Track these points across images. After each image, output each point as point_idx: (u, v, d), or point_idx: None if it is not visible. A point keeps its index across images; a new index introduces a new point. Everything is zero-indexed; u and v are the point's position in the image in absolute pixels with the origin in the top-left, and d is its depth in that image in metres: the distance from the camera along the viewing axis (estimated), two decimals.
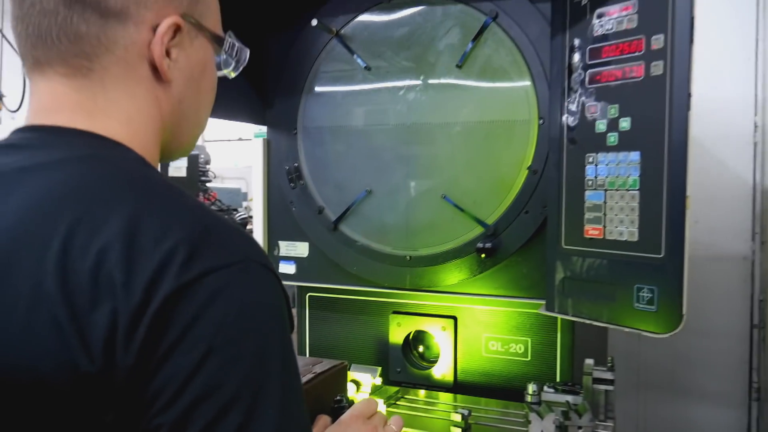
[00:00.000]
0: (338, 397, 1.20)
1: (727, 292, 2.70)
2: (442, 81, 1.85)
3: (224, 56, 0.97)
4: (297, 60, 2.04)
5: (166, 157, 0.93)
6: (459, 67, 1.82)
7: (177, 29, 0.82)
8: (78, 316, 0.63)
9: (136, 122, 0.83)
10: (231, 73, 1.01)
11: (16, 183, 0.73)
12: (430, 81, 1.86)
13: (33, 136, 0.79)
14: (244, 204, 6.43)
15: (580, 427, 1.49)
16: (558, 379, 1.84)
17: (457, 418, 1.56)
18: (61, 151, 0.76)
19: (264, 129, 2.15)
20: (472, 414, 1.62)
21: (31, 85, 0.83)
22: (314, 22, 1.88)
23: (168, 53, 0.82)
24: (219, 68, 0.98)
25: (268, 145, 2.14)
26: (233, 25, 0.97)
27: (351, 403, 1.14)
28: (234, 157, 9.00)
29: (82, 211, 0.68)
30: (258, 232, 2.24)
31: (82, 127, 0.79)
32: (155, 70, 0.83)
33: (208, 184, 4.91)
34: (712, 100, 2.61)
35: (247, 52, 1.00)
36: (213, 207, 4.78)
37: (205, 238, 0.68)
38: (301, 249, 2.10)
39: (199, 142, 6.26)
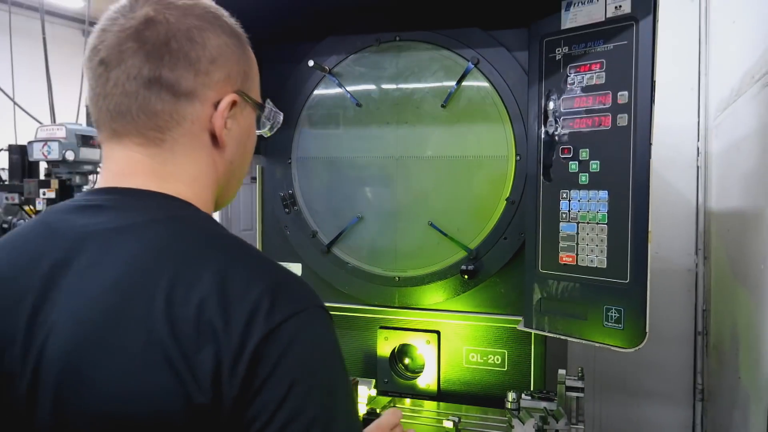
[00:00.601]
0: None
1: (673, 301, 2.96)
2: (428, 119, 2.04)
3: (263, 120, 1.13)
4: (291, 94, 2.19)
5: (215, 209, 1.09)
6: (443, 106, 2.01)
7: (233, 104, 0.99)
8: (187, 356, 0.78)
9: (198, 183, 0.99)
10: (267, 133, 1.18)
11: (111, 241, 0.87)
12: (417, 118, 2.05)
13: (115, 197, 0.93)
14: None
15: (557, 431, 1.70)
16: (532, 387, 2.05)
17: (449, 425, 1.75)
18: (145, 212, 0.91)
19: None
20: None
21: (107, 151, 0.97)
22: (311, 63, 2.04)
23: (225, 124, 0.98)
24: (257, 127, 1.14)
25: (262, 172, 2.29)
26: None
27: (378, 414, 1.30)
28: None
29: (176, 268, 0.83)
30: None
31: (156, 189, 0.94)
32: (214, 138, 0.98)
33: None
34: (660, 127, 2.85)
35: (281, 116, 1.17)
36: None
37: (280, 289, 0.85)
38: (295, 270, 2.26)
39: None
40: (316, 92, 2.17)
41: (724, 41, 2.47)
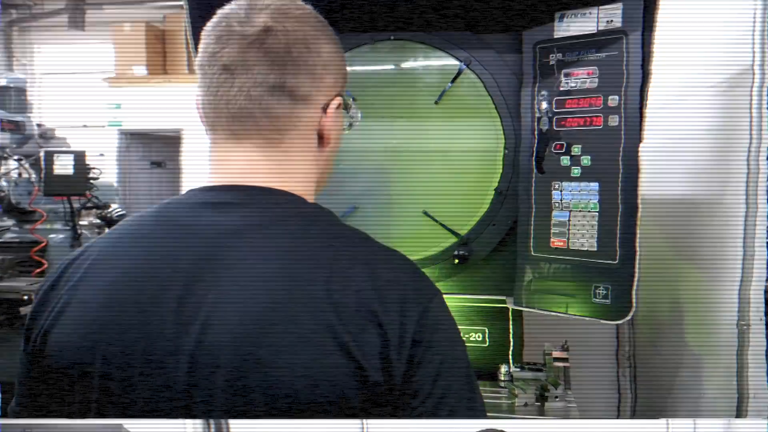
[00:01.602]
0: None
1: None
2: (422, 115, 2.18)
3: (347, 118, 1.23)
4: None
5: None
6: (436, 103, 2.16)
7: (338, 106, 1.09)
8: (356, 339, 0.86)
9: (308, 179, 1.08)
10: (347, 130, 1.28)
11: (255, 236, 0.94)
12: (411, 114, 2.19)
13: (242, 194, 0.99)
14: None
15: (556, 396, 1.92)
16: (511, 359, 2.26)
17: None
18: (277, 208, 0.99)
19: (119, 118, 2.21)
20: None
21: (221, 152, 1.03)
22: None
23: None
24: None
25: None
26: None
27: None
28: (77, 145, 8.55)
29: (328, 260, 0.92)
30: None
31: (276, 186, 1.02)
32: (319, 138, 1.08)
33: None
34: None
35: (360, 114, 1.27)
36: (90, 204, 4.65)
37: (416, 276, 0.98)
38: None
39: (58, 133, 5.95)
40: None
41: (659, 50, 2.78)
